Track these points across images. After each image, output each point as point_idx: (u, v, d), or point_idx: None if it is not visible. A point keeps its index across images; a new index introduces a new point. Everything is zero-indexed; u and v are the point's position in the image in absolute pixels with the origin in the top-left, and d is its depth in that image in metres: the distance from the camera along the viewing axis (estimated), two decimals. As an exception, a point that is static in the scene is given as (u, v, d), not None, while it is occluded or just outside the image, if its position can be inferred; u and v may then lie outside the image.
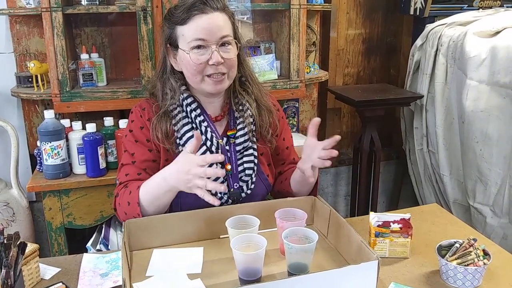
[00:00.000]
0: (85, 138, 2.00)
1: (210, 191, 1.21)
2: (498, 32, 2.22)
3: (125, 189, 1.38)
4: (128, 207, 1.33)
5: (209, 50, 1.35)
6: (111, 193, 2.05)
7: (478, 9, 2.77)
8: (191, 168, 1.20)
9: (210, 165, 1.40)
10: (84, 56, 2.18)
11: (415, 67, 2.72)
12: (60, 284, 1.17)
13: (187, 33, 1.35)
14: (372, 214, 1.33)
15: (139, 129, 1.44)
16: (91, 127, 2.00)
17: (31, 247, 1.16)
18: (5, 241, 0.94)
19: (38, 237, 2.51)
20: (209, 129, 1.43)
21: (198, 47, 1.34)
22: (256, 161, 1.48)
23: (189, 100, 1.43)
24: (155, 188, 1.30)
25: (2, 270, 0.90)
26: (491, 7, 2.79)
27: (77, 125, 2.05)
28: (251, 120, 1.48)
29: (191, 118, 1.43)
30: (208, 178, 1.20)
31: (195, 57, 1.34)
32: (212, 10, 1.35)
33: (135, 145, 1.43)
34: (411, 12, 2.78)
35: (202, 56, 1.35)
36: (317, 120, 1.37)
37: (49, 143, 1.97)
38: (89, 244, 1.99)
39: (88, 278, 1.22)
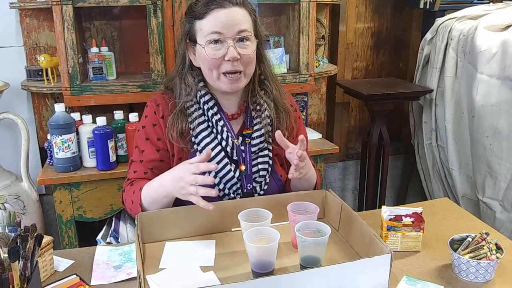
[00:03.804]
0: (96, 132, 2.01)
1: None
2: (509, 26, 2.21)
3: (131, 187, 1.42)
4: (132, 205, 1.38)
5: (225, 45, 1.33)
6: (121, 186, 2.05)
7: (489, 2, 2.75)
8: (184, 176, 1.23)
9: (229, 163, 1.42)
10: (94, 49, 2.18)
11: (425, 61, 2.71)
12: (74, 276, 1.18)
13: (204, 27, 1.34)
14: (384, 207, 1.33)
15: (151, 126, 1.44)
16: (101, 120, 2.01)
17: (45, 239, 1.17)
18: (22, 233, 0.95)
19: (48, 230, 2.52)
20: (225, 129, 1.42)
21: (215, 42, 1.33)
22: (270, 162, 1.47)
23: (206, 98, 1.42)
24: (154, 192, 1.34)
25: (20, 261, 0.91)
26: (501, 1, 2.77)
27: (87, 118, 2.06)
28: (268, 121, 1.46)
29: (208, 116, 1.42)
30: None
31: (211, 52, 1.33)
32: (231, 4, 1.34)
33: (145, 143, 1.45)
34: (421, 6, 2.76)
35: (218, 51, 1.33)
36: (278, 133, 1.32)
37: (59, 136, 1.98)
38: (99, 237, 2.00)
39: (101, 270, 1.23)
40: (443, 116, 2.55)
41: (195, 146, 1.42)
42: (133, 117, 2.08)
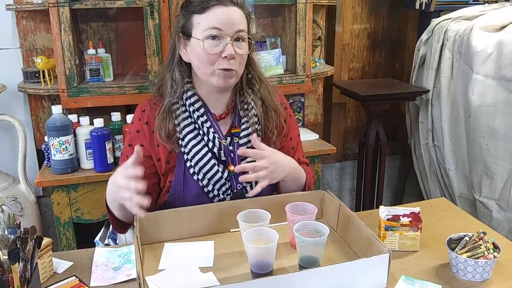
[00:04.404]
0: (93, 133, 2.01)
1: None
2: (504, 27, 2.22)
3: None
4: (106, 208, 1.38)
5: (223, 42, 1.33)
6: (119, 188, 2.06)
7: (484, 3, 2.77)
8: (119, 181, 1.16)
9: (217, 164, 1.41)
10: (90, 51, 2.18)
11: (421, 61, 2.72)
12: (73, 277, 1.19)
13: (203, 21, 1.34)
14: (382, 207, 1.34)
15: (135, 133, 1.45)
16: (98, 122, 2.01)
17: (44, 241, 1.17)
18: (22, 235, 0.95)
19: (46, 232, 2.52)
20: (211, 130, 1.41)
21: (213, 37, 1.33)
22: None
23: (192, 100, 1.42)
24: (108, 195, 1.31)
25: (20, 263, 0.91)
26: (496, 1, 2.79)
27: (85, 120, 2.06)
28: (256, 119, 1.46)
29: (194, 118, 1.42)
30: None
31: (209, 47, 1.33)
32: (232, 4, 1.34)
33: (128, 149, 1.45)
34: (417, 7, 2.78)
35: (215, 47, 1.33)
36: (253, 136, 1.36)
37: (57, 138, 1.98)
38: (97, 239, 2.00)
39: (100, 271, 1.23)
40: (440, 116, 2.56)
41: (182, 149, 1.42)
42: (130, 118, 2.08)
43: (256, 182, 1.45)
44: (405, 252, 1.30)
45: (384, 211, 1.32)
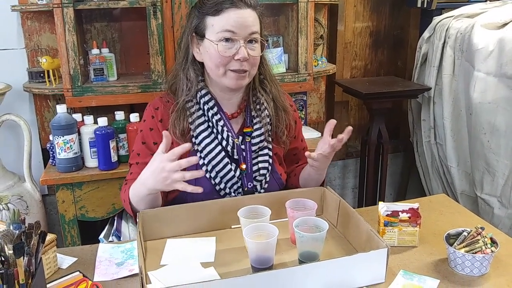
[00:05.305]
0: (97, 132, 2.04)
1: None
2: (505, 24, 2.23)
3: (125, 186, 1.44)
4: (125, 204, 1.40)
5: (236, 45, 1.35)
6: (123, 186, 2.09)
7: (485, 1, 2.77)
8: (165, 166, 1.20)
9: (229, 163, 1.44)
10: (94, 51, 2.21)
11: (423, 59, 2.73)
12: (77, 273, 1.20)
13: (217, 24, 1.35)
14: (381, 203, 1.35)
15: (148, 131, 1.46)
16: (103, 121, 2.03)
17: (48, 237, 1.19)
18: (26, 230, 0.97)
19: (51, 229, 2.55)
20: (225, 128, 1.44)
21: (227, 40, 1.35)
22: (270, 161, 1.49)
23: (206, 98, 1.44)
24: (137, 192, 1.33)
25: (24, 257, 0.93)
26: (498, -1, 2.79)
27: (89, 119, 2.09)
28: (268, 120, 1.49)
29: (208, 116, 1.44)
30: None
31: (222, 49, 1.35)
32: (245, 6, 1.36)
33: (142, 147, 1.46)
34: (418, 5, 2.78)
35: (229, 50, 1.35)
36: (333, 121, 1.40)
37: (61, 137, 2.00)
38: (101, 236, 2.02)
39: (104, 267, 1.25)
40: (441, 113, 2.57)
41: (195, 146, 1.44)
42: (134, 117, 2.10)
43: (266, 181, 1.49)
44: (404, 248, 1.32)
45: (383, 207, 1.34)
